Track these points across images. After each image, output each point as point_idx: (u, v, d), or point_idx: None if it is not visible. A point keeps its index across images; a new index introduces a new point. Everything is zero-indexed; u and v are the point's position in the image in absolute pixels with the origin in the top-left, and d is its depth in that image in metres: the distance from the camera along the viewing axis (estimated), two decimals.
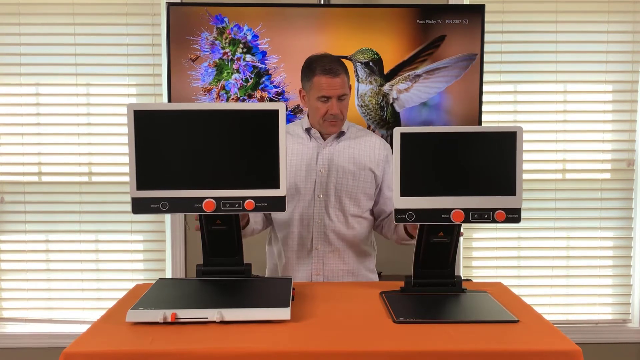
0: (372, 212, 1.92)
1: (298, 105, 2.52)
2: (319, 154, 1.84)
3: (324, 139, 1.86)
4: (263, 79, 2.51)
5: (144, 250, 2.84)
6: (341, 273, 1.86)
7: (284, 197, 1.32)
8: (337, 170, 1.82)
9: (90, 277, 2.83)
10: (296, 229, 1.83)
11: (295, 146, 1.85)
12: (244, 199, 1.31)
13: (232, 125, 1.32)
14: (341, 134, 1.86)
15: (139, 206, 1.33)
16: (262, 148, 1.32)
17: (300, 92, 1.86)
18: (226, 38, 2.49)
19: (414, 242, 1.51)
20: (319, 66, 1.75)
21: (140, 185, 1.31)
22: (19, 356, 2.81)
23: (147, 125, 1.31)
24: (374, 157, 1.87)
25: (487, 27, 2.54)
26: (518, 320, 1.28)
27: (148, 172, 1.31)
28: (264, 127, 1.31)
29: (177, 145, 1.32)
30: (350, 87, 1.84)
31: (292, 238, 1.84)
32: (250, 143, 1.31)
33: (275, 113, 1.31)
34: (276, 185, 1.32)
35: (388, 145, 1.90)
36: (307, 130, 1.86)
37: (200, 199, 1.31)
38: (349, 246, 1.86)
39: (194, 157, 1.32)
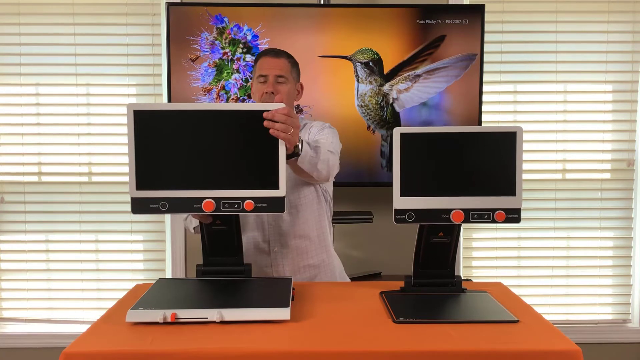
0: (317, 189, 1.83)
1: (298, 105, 2.52)
2: None
3: None
4: None
5: (144, 250, 2.84)
6: (304, 270, 1.81)
7: (284, 197, 1.32)
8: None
9: (90, 277, 2.83)
10: (250, 232, 1.80)
11: None
12: (244, 199, 1.31)
13: (232, 125, 1.31)
14: None
15: (139, 206, 1.32)
16: (261, 148, 1.31)
17: (251, 87, 1.85)
18: (226, 38, 2.49)
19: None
20: (264, 51, 1.83)
21: (139, 185, 1.31)
22: (19, 356, 2.81)
23: (147, 125, 1.30)
24: (314, 134, 1.80)
25: (487, 27, 2.54)
26: (518, 320, 1.28)
27: (148, 172, 1.31)
28: (263, 127, 1.31)
29: (177, 145, 1.31)
30: (297, 81, 1.82)
31: (247, 241, 1.79)
32: (250, 143, 1.31)
33: None
34: (276, 186, 1.31)
35: (326, 124, 1.84)
36: None
37: (200, 199, 1.31)
38: (305, 238, 1.80)
39: (193, 157, 1.32)
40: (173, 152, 1.32)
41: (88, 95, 2.75)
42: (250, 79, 2.50)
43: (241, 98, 2.51)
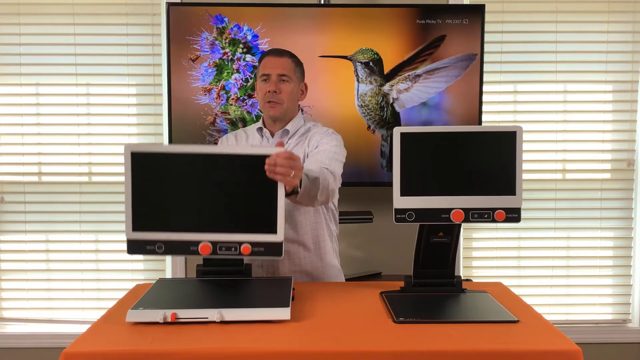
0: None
1: (298, 106, 2.52)
2: None
3: (272, 137, 1.84)
4: None
5: None
6: (297, 275, 1.80)
7: (281, 242, 1.31)
8: None
9: (90, 277, 2.83)
10: None
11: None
12: (240, 243, 1.29)
13: (230, 169, 1.29)
14: (285, 132, 1.83)
15: (135, 247, 1.31)
16: (259, 192, 1.29)
17: (254, 87, 1.87)
18: (226, 38, 2.49)
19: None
20: (268, 51, 1.85)
21: (136, 227, 1.29)
22: (19, 356, 2.81)
23: (145, 167, 1.28)
24: (318, 140, 1.81)
25: (487, 27, 2.54)
26: (518, 320, 1.28)
27: (144, 213, 1.30)
28: (262, 171, 1.28)
29: (174, 187, 1.29)
30: (301, 81, 1.84)
31: None
32: (248, 187, 1.29)
33: None
34: (273, 231, 1.30)
35: (330, 130, 1.86)
36: (259, 130, 1.85)
37: (196, 242, 1.30)
38: (298, 244, 1.81)
39: (191, 199, 1.30)
40: (170, 194, 1.30)
41: (88, 95, 2.75)
42: (251, 78, 2.50)
43: (241, 98, 2.51)
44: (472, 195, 1.40)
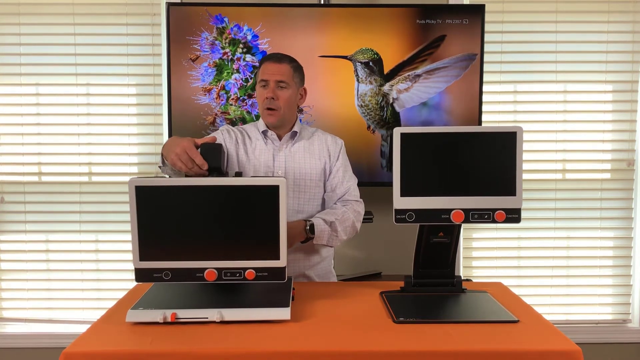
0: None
1: (298, 106, 2.52)
2: (275, 158, 1.83)
3: (280, 140, 1.86)
4: None
5: None
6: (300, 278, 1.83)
7: (284, 267, 1.33)
8: (294, 173, 1.82)
9: (90, 277, 2.83)
10: None
11: (254, 147, 1.85)
12: (245, 269, 1.32)
13: (233, 199, 1.32)
14: (294, 134, 1.86)
15: (142, 275, 1.33)
16: (263, 221, 1.32)
17: (254, 87, 1.90)
18: (226, 38, 2.49)
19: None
20: (267, 56, 1.84)
21: (142, 257, 1.32)
22: (19, 356, 2.82)
23: (149, 200, 1.31)
24: (333, 150, 1.88)
25: (487, 27, 2.54)
26: (518, 320, 1.28)
27: (150, 244, 1.32)
28: (264, 201, 1.31)
29: (178, 218, 1.32)
30: (300, 86, 1.86)
31: None
32: (251, 216, 1.32)
33: (275, 188, 1.31)
34: (276, 257, 1.32)
35: (340, 140, 1.94)
36: (264, 133, 1.86)
37: (202, 269, 1.31)
38: (304, 246, 1.82)
39: (195, 229, 1.32)
40: (175, 225, 1.32)
41: (88, 95, 2.75)
42: (251, 78, 2.50)
43: (241, 98, 2.51)
44: (472, 195, 1.40)
